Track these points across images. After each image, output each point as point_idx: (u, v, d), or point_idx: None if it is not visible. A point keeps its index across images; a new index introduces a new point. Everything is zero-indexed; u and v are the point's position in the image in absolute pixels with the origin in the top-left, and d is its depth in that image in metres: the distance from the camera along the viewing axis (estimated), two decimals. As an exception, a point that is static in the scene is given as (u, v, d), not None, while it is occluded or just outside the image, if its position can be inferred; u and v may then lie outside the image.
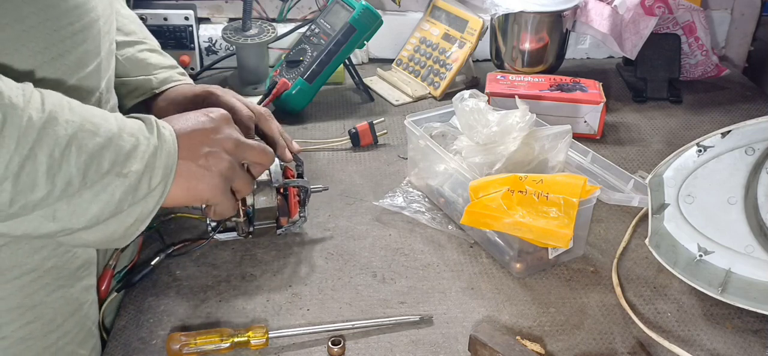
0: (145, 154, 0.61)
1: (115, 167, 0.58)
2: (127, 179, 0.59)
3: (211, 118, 0.70)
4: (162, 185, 0.63)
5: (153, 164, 0.61)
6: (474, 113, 0.90)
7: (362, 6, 1.18)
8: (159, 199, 0.63)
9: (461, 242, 0.90)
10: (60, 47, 0.62)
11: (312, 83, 1.19)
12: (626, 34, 1.29)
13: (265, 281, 0.83)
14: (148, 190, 0.61)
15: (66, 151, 0.54)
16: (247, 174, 0.74)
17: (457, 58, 1.30)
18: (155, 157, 0.62)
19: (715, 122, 1.24)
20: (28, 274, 0.65)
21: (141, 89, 0.87)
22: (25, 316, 0.65)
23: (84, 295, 0.72)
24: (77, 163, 0.55)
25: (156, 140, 0.62)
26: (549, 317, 0.78)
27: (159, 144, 0.62)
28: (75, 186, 0.56)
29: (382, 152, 1.12)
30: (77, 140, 0.55)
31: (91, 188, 0.57)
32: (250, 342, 0.71)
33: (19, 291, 0.65)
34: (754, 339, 0.76)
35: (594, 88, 1.17)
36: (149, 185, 0.61)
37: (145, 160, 0.60)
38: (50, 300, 0.67)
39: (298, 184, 0.85)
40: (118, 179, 0.58)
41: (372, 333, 0.75)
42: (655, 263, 0.84)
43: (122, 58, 0.86)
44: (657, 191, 0.83)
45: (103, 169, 0.57)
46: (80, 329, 0.72)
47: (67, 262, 0.69)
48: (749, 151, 0.78)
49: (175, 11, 1.33)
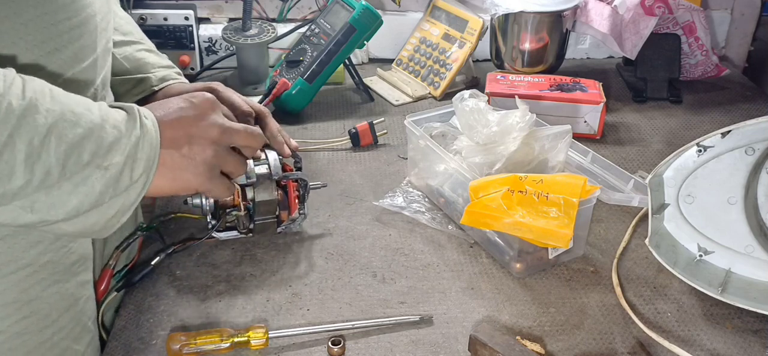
0: (127, 146, 0.60)
1: (96, 159, 0.57)
2: (108, 171, 0.58)
3: (194, 103, 0.69)
4: (144, 177, 0.62)
5: (134, 155, 0.60)
6: (474, 113, 0.90)
7: (362, 6, 1.18)
8: (141, 191, 0.62)
9: (461, 242, 0.90)
10: (57, 41, 0.62)
11: (312, 83, 1.19)
12: (626, 34, 1.29)
13: (265, 281, 0.83)
14: (130, 182, 0.61)
15: (45, 140, 0.54)
16: (236, 156, 0.74)
17: (457, 58, 1.30)
18: (137, 148, 0.61)
19: (715, 122, 1.24)
20: (24, 269, 0.65)
21: (140, 86, 0.87)
22: (21, 311, 0.65)
23: (80, 290, 0.72)
24: (56, 153, 0.54)
25: (138, 130, 0.61)
26: (549, 317, 0.78)
27: (141, 135, 0.61)
28: (54, 177, 0.55)
29: (382, 152, 1.12)
30: (57, 130, 0.54)
31: (71, 180, 0.56)
32: (250, 342, 0.71)
33: (15, 286, 0.65)
34: (754, 339, 0.76)
35: (594, 88, 1.17)
36: (131, 178, 0.61)
37: (126, 152, 0.60)
38: (46, 295, 0.67)
39: (297, 177, 0.86)
40: (98, 171, 0.58)
41: (372, 333, 0.75)
42: (655, 263, 0.84)
43: (120, 57, 0.86)
44: (657, 191, 0.83)
45: (83, 160, 0.57)
46: (76, 324, 0.72)
47: (63, 257, 0.69)
48: (749, 151, 0.78)
49: (175, 11, 1.33)
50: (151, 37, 1.31)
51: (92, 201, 0.58)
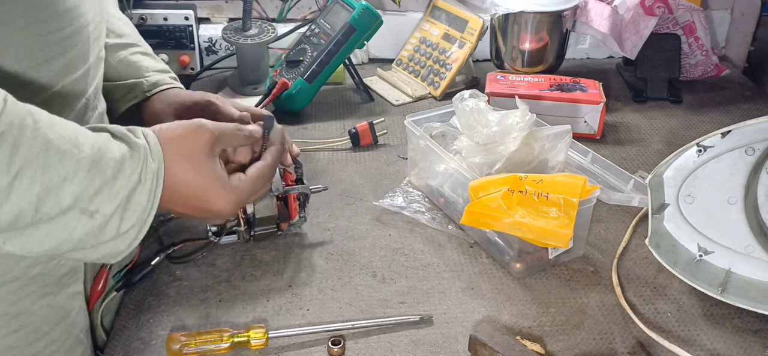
0: (119, 193, 0.54)
1: (80, 203, 0.52)
2: (93, 218, 0.53)
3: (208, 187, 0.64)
4: (134, 231, 0.57)
5: (126, 205, 0.55)
6: (474, 113, 0.90)
7: (362, 6, 1.18)
8: (132, 242, 0.58)
9: (461, 242, 0.90)
10: (48, 52, 0.60)
11: (312, 83, 1.19)
12: (626, 34, 1.29)
13: (265, 281, 0.83)
14: (117, 234, 0.56)
15: (16, 181, 0.49)
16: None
17: (457, 58, 1.30)
18: (132, 198, 0.55)
19: (715, 122, 1.24)
20: (13, 282, 0.63)
21: (133, 92, 0.85)
22: (11, 324, 0.64)
23: (70, 303, 0.70)
24: (29, 196, 0.50)
25: (137, 176, 0.56)
26: (549, 317, 0.78)
27: (139, 183, 0.56)
28: (26, 220, 0.51)
29: (382, 152, 1.12)
30: (31, 170, 0.50)
31: (47, 224, 0.52)
32: (250, 342, 0.71)
33: (4, 299, 0.63)
34: (754, 339, 0.76)
35: (594, 88, 1.17)
36: (118, 230, 0.56)
37: (116, 201, 0.54)
38: (36, 308, 0.66)
39: (298, 190, 0.85)
40: (82, 216, 0.53)
41: (372, 333, 0.75)
42: (655, 263, 0.84)
43: (115, 61, 0.84)
44: (657, 191, 0.83)
45: (63, 205, 0.52)
46: (67, 337, 0.70)
47: (53, 269, 0.67)
48: (749, 151, 0.78)
49: (175, 11, 1.33)
50: (151, 37, 1.33)
51: (71, 246, 0.54)
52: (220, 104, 0.85)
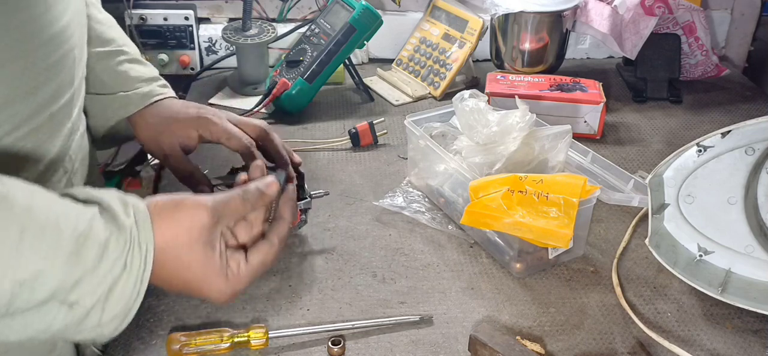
0: (102, 284, 0.49)
1: (58, 295, 0.47)
2: (73, 310, 0.48)
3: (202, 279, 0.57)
4: (117, 321, 0.52)
5: (108, 295, 0.50)
6: (474, 113, 0.90)
7: (362, 6, 1.19)
8: (116, 328, 0.52)
9: (461, 242, 0.90)
10: (34, 81, 0.57)
11: (312, 83, 1.19)
12: (626, 34, 1.29)
13: (265, 281, 0.82)
14: (98, 324, 0.50)
15: None
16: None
17: (457, 58, 1.30)
18: (114, 289, 0.50)
19: (715, 122, 1.24)
20: None
21: (124, 107, 0.82)
22: None
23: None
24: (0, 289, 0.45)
25: (121, 264, 0.50)
26: (549, 317, 0.78)
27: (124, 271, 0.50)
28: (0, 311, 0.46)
29: (382, 152, 1.12)
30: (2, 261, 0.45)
31: (22, 316, 0.47)
32: (250, 342, 0.71)
33: None
34: (754, 339, 0.76)
35: (594, 88, 1.17)
36: (100, 320, 0.50)
37: (97, 293, 0.49)
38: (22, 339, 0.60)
39: (301, 206, 0.85)
40: (61, 306, 0.48)
41: (372, 333, 0.75)
42: (655, 263, 0.84)
43: (102, 73, 0.81)
44: (657, 191, 0.83)
45: (38, 298, 0.47)
46: None
47: None
48: (749, 151, 0.78)
49: (175, 11, 1.33)
50: (151, 37, 1.34)
51: (50, 335, 0.50)
52: (217, 121, 0.83)
